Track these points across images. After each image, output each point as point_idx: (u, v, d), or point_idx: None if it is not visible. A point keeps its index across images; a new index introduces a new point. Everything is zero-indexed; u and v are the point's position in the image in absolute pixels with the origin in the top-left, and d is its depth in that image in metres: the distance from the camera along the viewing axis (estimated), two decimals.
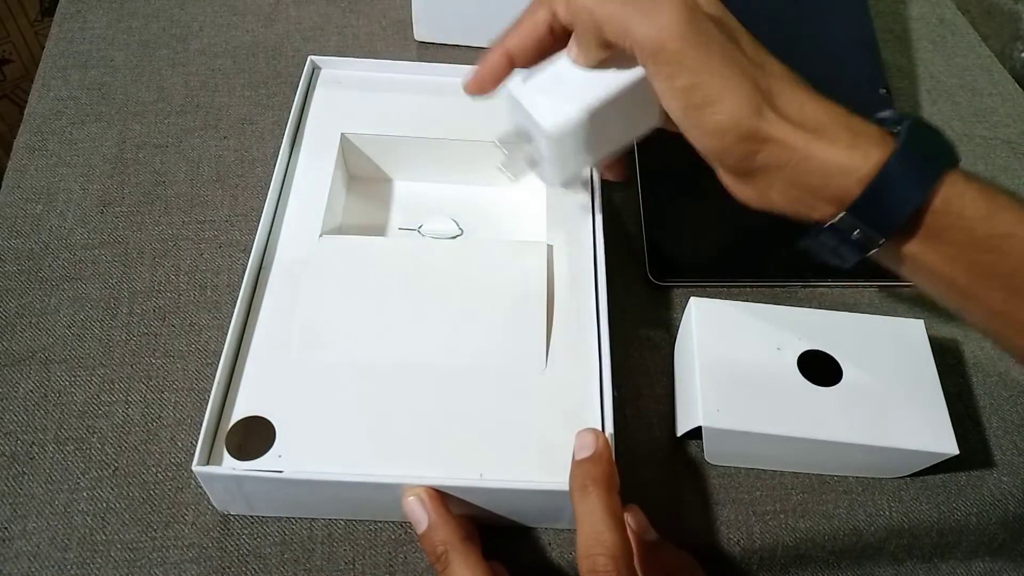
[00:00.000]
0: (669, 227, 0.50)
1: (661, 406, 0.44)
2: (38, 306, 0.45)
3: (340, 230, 0.46)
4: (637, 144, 0.52)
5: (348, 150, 0.48)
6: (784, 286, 0.50)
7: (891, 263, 0.34)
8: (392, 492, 0.35)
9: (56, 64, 0.56)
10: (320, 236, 0.42)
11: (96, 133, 0.53)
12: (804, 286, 0.50)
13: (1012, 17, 0.69)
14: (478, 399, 0.38)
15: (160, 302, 0.46)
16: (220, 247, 0.48)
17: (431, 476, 0.35)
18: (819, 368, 0.40)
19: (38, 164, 0.51)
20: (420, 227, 0.47)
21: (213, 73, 0.57)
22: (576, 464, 0.34)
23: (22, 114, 0.54)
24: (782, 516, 0.41)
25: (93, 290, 0.46)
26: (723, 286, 0.49)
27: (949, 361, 0.48)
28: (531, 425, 0.37)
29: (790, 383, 0.40)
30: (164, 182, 0.51)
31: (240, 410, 0.36)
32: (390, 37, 0.60)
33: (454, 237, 0.47)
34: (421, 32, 0.59)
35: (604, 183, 0.45)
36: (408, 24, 0.59)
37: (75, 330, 0.44)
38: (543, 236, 0.44)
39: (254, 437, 0.36)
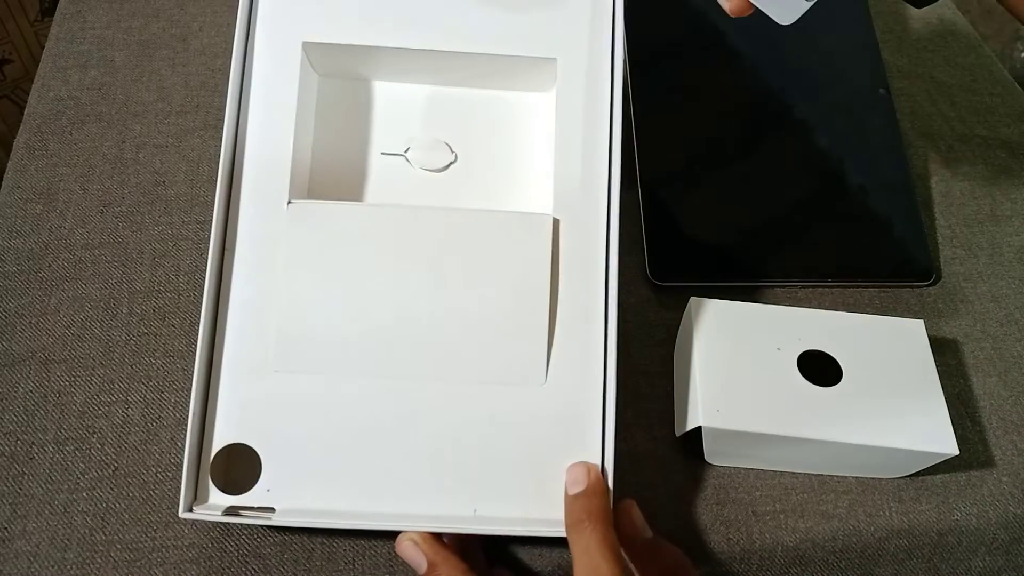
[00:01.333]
0: (669, 227, 0.50)
1: (661, 406, 0.44)
2: (38, 306, 0.45)
3: (311, 172, 0.40)
4: (637, 144, 0.52)
5: (313, 56, 0.41)
6: (784, 286, 0.50)
7: None
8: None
9: (56, 64, 0.56)
10: (288, 203, 0.37)
11: (96, 133, 0.53)
12: (804, 286, 0.50)
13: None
14: (473, 419, 0.36)
15: (160, 302, 0.46)
16: None
17: (424, 516, 0.34)
18: (819, 368, 0.40)
19: (38, 164, 0.51)
20: (407, 151, 0.42)
21: (213, 73, 0.57)
22: (570, 500, 0.34)
23: (22, 114, 0.53)
24: (782, 516, 0.41)
25: (93, 290, 0.46)
26: (723, 286, 0.49)
27: (949, 361, 0.48)
28: (529, 449, 0.36)
29: (790, 383, 0.40)
30: (164, 182, 0.51)
31: (220, 437, 0.35)
32: None
33: (447, 166, 0.42)
34: None
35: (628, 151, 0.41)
36: None
37: (75, 330, 0.44)
38: (549, 189, 0.38)
39: (238, 460, 0.36)
